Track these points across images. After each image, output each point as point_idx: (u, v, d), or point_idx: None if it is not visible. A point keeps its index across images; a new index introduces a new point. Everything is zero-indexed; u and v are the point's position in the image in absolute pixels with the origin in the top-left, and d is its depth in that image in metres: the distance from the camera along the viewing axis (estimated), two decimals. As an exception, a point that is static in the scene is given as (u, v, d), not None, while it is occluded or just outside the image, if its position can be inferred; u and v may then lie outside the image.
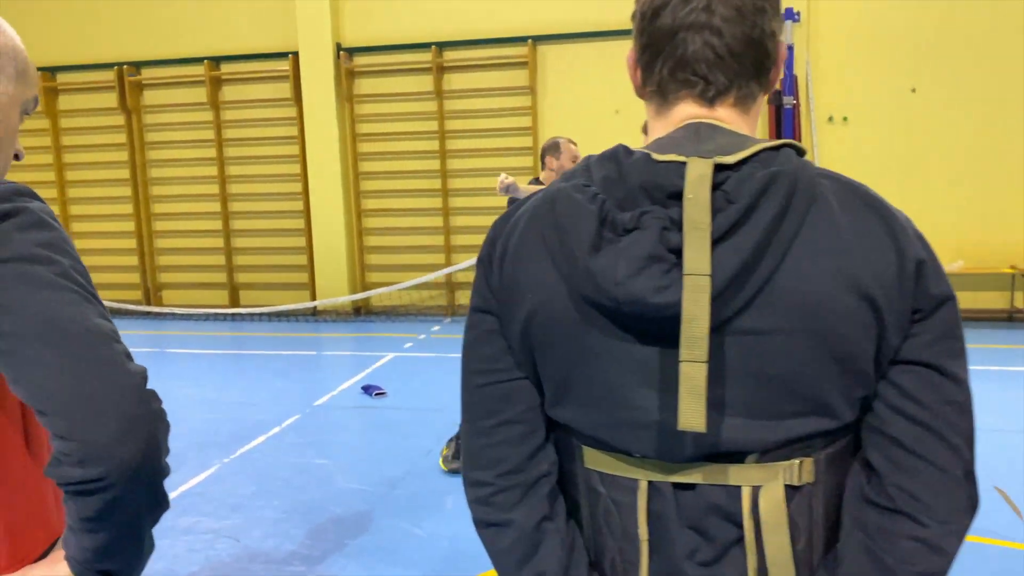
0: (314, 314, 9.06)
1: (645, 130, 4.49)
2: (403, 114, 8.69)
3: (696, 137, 0.96)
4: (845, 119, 7.84)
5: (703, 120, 0.98)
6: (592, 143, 7.39)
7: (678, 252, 0.88)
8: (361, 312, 9.07)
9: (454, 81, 8.55)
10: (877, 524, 0.93)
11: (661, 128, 1.03)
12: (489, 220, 8.17)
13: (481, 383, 1.04)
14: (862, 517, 0.94)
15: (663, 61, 0.98)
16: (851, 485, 0.96)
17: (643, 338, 0.93)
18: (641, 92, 1.05)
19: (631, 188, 0.93)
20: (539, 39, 8.18)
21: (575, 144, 4.54)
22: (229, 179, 9.21)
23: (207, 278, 9.42)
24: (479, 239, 8.49)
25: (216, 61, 8.99)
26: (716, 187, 0.89)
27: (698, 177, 0.90)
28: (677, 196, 0.91)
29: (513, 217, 1.03)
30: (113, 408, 0.94)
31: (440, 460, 4.42)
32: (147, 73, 9.26)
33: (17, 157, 1.11)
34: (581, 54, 8.11)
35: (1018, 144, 7.44)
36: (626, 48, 1.05)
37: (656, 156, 0.93)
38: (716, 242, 0.88)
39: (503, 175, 4.07)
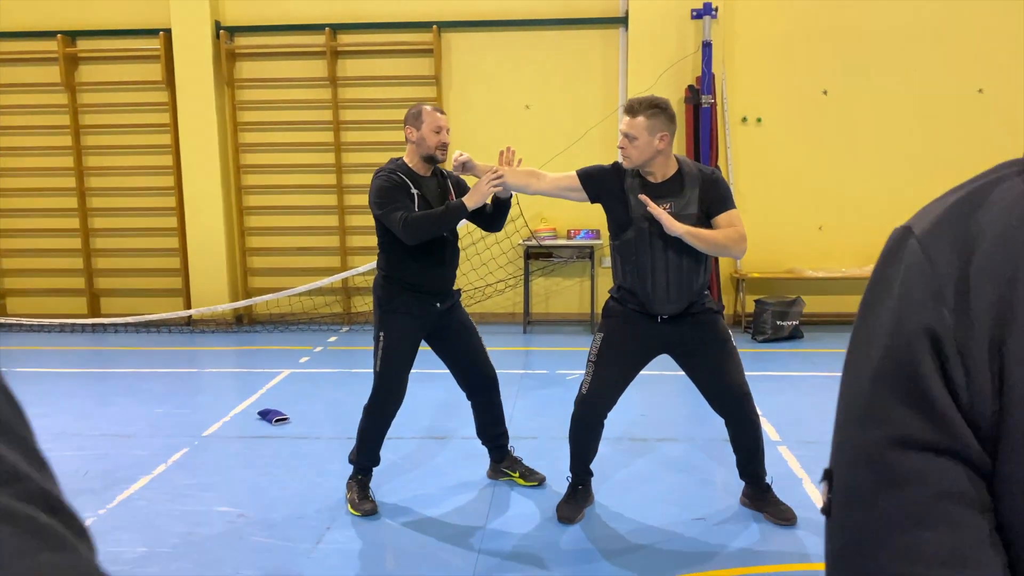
0: (189, 324, 8.08)
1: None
2: (292, 102, 7.87)
3: None
4: (759, 120, 7.67)
5: None
6: (502, 139, 6.87)
7: None
8: (244, 321, 8.17)
9: (350, 68, 7.80)
10: None
11: None
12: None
13: None
14: None
15: None
16: None
17: None
18: None
19: None
20: (445, 25, 7.56)
21: (443, 114, 3.62)
22: (88, 171, 8.08)
23: (61, 283, 8.25)
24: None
25: (72, 36, 7.86)
26: None
27: None
28: None
29: (985, 212, 0.48)
30: None
31: (349, 507, 3.71)
32: (-14, 47, 8.00)
33: None
34: (491, 44, 7.55)
35: (925, 146, 7.46)
36: (540, 39, 0.52)
37: None
38: None
39: (458, 151, 3.50)
